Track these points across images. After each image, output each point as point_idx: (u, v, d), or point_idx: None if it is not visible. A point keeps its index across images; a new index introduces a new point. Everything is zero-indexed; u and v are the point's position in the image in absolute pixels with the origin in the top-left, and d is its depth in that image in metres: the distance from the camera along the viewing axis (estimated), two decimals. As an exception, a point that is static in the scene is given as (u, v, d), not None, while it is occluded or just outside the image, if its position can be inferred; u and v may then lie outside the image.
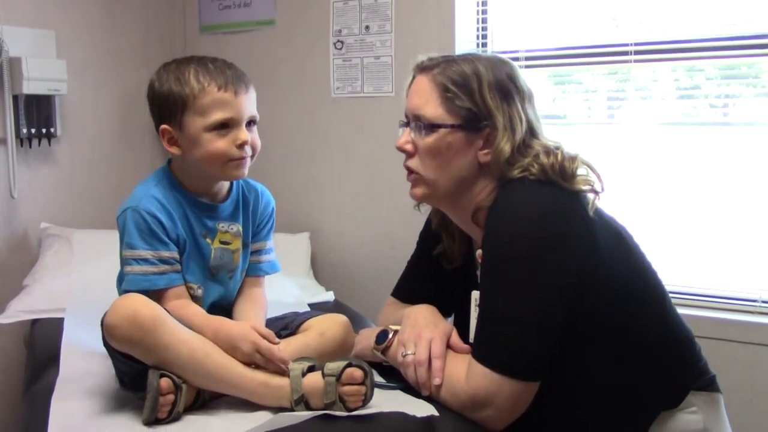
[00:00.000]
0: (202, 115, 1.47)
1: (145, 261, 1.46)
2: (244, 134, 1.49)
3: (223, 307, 1.61)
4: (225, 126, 1.48)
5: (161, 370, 1.34)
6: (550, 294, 1.34)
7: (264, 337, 1.41)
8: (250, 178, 1.63)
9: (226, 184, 1.59)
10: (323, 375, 1.35)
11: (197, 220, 1.55)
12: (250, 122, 1.52)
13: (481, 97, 1.42)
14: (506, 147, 1.41)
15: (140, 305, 1.35)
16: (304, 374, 1.37)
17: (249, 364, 1.40)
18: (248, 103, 1.51)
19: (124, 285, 1.49)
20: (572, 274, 1.35)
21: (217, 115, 1.47)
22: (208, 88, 1.47)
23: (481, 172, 1.46)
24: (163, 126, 1.51)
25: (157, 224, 1.48)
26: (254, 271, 1.67)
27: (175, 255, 1.51)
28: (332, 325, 1.52)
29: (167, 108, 1.49)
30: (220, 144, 1.48)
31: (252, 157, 1.53)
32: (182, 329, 1.38)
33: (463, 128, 1.43)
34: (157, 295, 1.46)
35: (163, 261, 1.48)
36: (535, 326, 1.33)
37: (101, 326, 1.38)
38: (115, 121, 2.87)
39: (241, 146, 1.49)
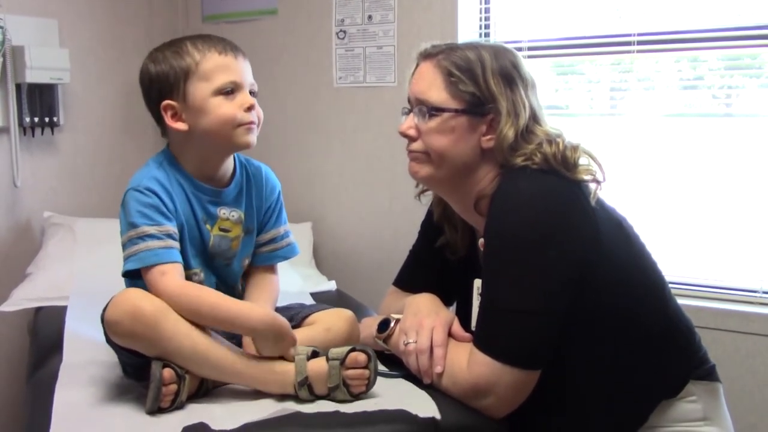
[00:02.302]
0: (207, 80, 1.46)
1: (150, 236, 1.41)
2: (250, 98, 1.49)
3: None
4: (230, 92, 1.47)
5: (164, 360, 1.34)
6: (552, 283, 1.34)
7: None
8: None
9: (230, 168, 1.57)
10: (327, 359, 1.37)
11: (199, 205, 1.52)
12: (251, 92, 1.51)
13: (485, 82, 1.43)
14: (510, 133, 1.41)
15: (140, 299, 1.34)
16: (308, 358, 1.38)
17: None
18: (248, 70, 1.52)
19: (128, 265, 1.42)
20: (573, 264, 1.35)
21: (222, 78, 1.46)
22: (209, 54, 1.47)
23: (483, 159, 1.46)
24: (166, 102, 1.48)
25: (158, 200, 1.45)
26: (271, 260, 1.65)
27: (177, 231, 1.47)
28: (338, 320, 1.52)
29: (168, 83, 1.47)
30: (227, 108, 1.46)
31: (257, 126, 1.52)
32: (183, 322, 1.37)
33: (466, 113, 1.44)
34: (162, 269, 1.40)
35: (168, 235, 1.43)
36: (536, 315, 1.34)
37: (102, 323, 1.38)
38: (117, 110, 2.88)
39: (248, 110, 1.48)
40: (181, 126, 1.49)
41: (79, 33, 2.75)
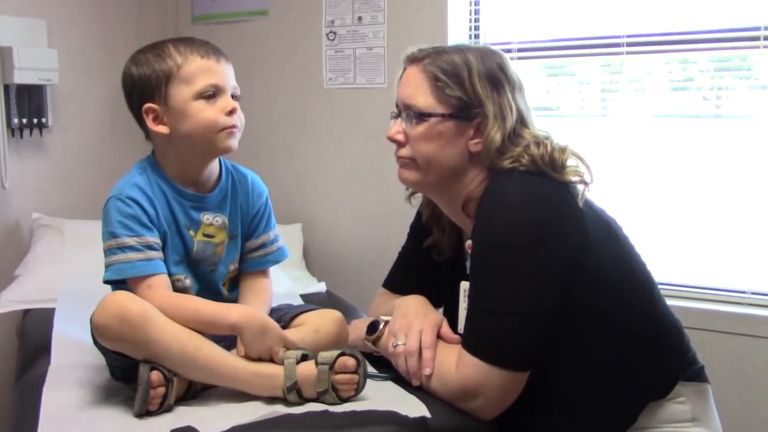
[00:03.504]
0: (188, 83, 1.45)
1: (130, 248, 1.42)
2: (231, 102, 1.48)
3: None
4: (211, 96, 1.46)
5: (152, 363, 1.33)
6: (540, 284, 1.34)
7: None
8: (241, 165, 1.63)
9: (214, 173, 1.57)
10: (316, 364, 1.36)
11: (182, 211, 1.51)
12: (233, 96, 1.50)
13: (471, 86, 1.43)
14: (497, 136, 1.41)
15: (128, 302, 1.34)
16: (298, 362, 1.37)
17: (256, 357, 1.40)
18: (230, 74, 1.51)
19: (108, 275, 1.44)
20: (562, 264, 1.35)
21: (204, 81, 1.46)
22: (191, 57, 1.46)
23: (471, 162, 1.46)
24: (147, 105, 1.47)
25: (140, 209, 1.45)
26: (262, 264, 1.64)
27: (159, 241, 1.47)
28: (326, 321, 1.52)
29: (150, 85, 1.47)
30: (209, 113, 1.46)
31: (239, 131, 1.51)
32: (171, 324, 1.36)
33: (453, 117, 1.44)
34: (147, 282, 1.42)
35: (149, 246, 1.44)
36: (524, 316, 1.34)
37: (90, 325, 1.37)
38: (106, 110, 2.87)
39: (230, 114, 1.47)
40: (162, 129, 1.48)
41: (68, 33, 2.74)
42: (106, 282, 1.45)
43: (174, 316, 1.38)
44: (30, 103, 2.58)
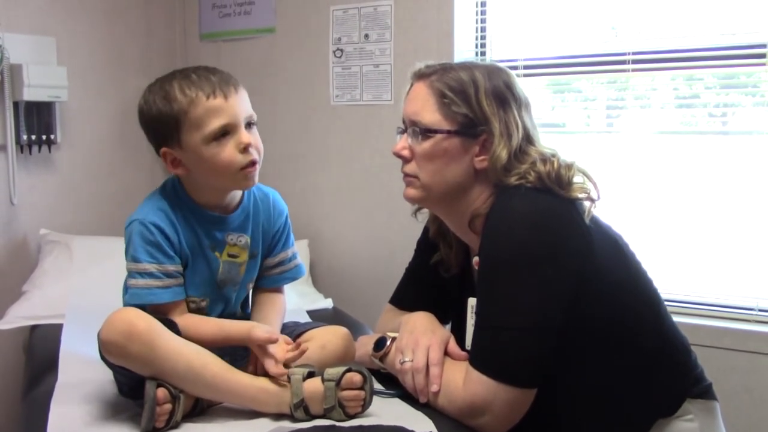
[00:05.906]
0: (198, 128, 1.42)
1: (150, 275, 1.43)
2: (245, 136, 1.44)
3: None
4: (224, 134, 1.43)
5: (158, 380, 1.33)
6: (547, 301, 1.34)
7: (267, 339, 1.42)
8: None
9: (237, 195, 1.56)
10: (323, 380, 1.36)
11: (206, 233, 1.51)
12: (249, 124, 1.47)
13: (477, 103, 1.43)
14: (503, 153, 1.42)
15: (135, 318, 1.34)
16: (304, 379, 1.37)
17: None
18: (241, 105, 1.46)
19: (126, 299, 1.46)
20: (569, 281, 1.35)
21: (214, 123, 1.42)
22: (197, 100, 1.41)
23: (477, 179, 1.47)
24: (164, 149, 1.47)
25: (162, 237, 1.45)
26: (279, 282, 1.65)
27: (179, 268, 1.48)
28: (333, 337, 1.52)
29: (162, 130, 1.45)
30: (224, 154, 1.42)
31: (260, 156, 1.48)
32: (179, 340, 1.37)
33: (459, 134, 1.44)
34: (162, 309, 1.44)
35: (168, 275, 1.45)
36: (531, 333, 1.34)
37: (98, 341, 1.37)
38: (115, 128, 2.88)
39: (245, 150, 1.44)
40: (180, 172, 1.48)
41: (77, 51, 2.76)
42: (125, 305, 1.46)
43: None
44: (39, 120, 2.60)
